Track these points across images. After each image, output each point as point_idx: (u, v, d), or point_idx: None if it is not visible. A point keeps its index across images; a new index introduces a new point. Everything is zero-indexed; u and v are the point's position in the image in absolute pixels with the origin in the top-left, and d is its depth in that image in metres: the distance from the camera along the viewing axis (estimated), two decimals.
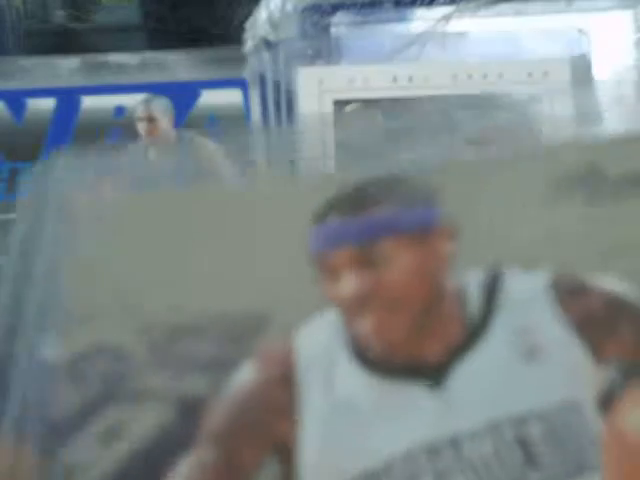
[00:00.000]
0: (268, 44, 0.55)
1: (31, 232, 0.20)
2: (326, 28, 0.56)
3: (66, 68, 0.65)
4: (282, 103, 0.55)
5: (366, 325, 0.19)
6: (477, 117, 0.21)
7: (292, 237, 0.20)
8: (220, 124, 0.63)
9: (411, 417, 0.19)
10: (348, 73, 0.55)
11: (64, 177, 0.20)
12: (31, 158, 0.64)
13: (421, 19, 0.56)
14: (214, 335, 0.20)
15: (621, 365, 0.18)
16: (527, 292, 0.19)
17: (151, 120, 0.63)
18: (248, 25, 0.55)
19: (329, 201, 0.20)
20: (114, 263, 0.20)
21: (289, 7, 0.55)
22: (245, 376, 0.20)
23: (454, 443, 0.18)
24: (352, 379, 0.19)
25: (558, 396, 0.18)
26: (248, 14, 0.56)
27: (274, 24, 0.55)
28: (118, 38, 0.72)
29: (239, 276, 0.20)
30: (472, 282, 0.19)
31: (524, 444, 0.18)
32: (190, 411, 0.19)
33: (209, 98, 0.64)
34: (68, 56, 0.65)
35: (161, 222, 0.20)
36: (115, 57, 0.65)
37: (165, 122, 0.63)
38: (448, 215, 0.20)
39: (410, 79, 0.55)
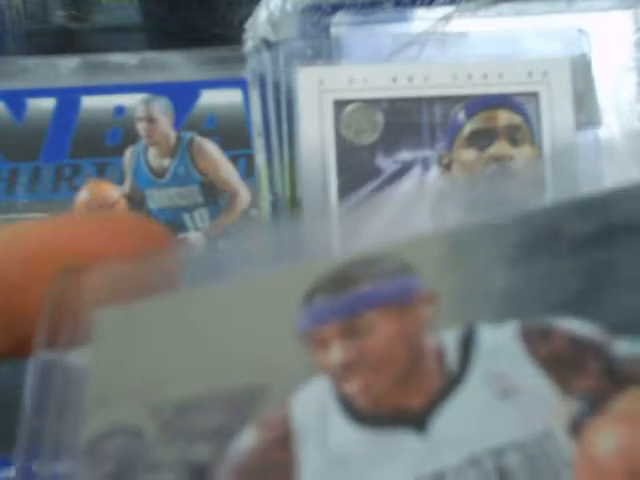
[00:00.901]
0: (268, 44, 0.55)
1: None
2: (326, 28, 0.56)
3: (66, 68, 0.65)
4: (282, 103, 0.55)
5: (354, 386, 0.21)
6: None
7: (284, 318, 0.22)
8: (220, 124, 0.63)
9: (399, 460, 0.20)
10: (348, 73, 0.55)
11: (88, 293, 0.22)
12: (31, 158, 0.64)
13: (421, 19, 0.56)
14: (217, 408, 0.21)
15: (587, 396, 0.19)
16: (499, 342, 0.21)
17: (151, 120, 0.63)
18: (248, 25, 0.56)
19: (314, 284, 0.22)
20: (129, 359, 0.22)
21: (289, 7, 0.56)
22: (247, 441, 0.21)
23: (439, 477, 0.20)
24: (344, 433, 0.21)
25: (532, 427, 0.20)
26: (248, 14, 0.56)
27: (274, 24, 0.55)
28: (118, 38, 0.72)
29: (238, 356, 0.22)
30: (449, 338, 0.21)
31: (503, 472, 0.19)
32: (199, 478, 0.21)
33: (209, 98, 0.64)
34: (68, 56, 0.65)
35: (168, 321, 0.22)
36: (115, 57, 0.65)
37: (165, 122, 0.63)
38: (427, 282, 0.21)
39: (410, 79, 0.55)
